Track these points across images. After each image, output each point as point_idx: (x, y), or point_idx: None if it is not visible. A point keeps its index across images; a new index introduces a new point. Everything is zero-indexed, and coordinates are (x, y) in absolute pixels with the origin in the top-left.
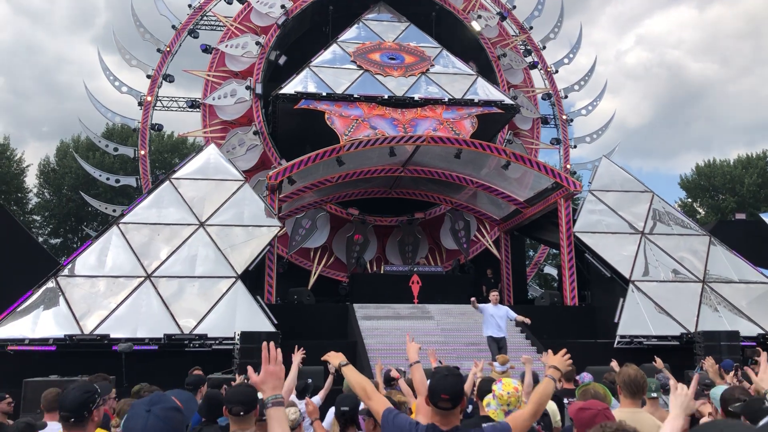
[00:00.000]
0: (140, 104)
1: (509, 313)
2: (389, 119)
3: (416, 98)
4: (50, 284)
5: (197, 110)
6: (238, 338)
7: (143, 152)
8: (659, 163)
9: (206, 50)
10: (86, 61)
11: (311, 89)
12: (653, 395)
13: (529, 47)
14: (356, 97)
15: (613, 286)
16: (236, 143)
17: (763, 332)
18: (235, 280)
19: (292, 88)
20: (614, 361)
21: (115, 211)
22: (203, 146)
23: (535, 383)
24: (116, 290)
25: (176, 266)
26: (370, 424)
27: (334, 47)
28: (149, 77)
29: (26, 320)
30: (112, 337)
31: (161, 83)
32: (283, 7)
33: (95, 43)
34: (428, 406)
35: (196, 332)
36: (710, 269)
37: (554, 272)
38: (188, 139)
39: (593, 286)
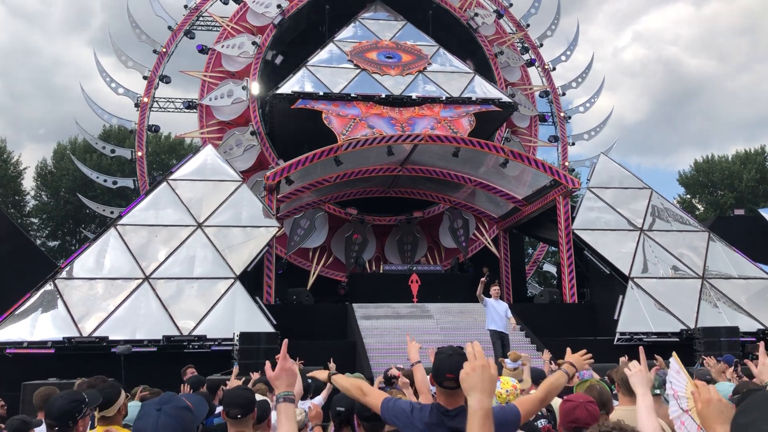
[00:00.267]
0: (137, 105)
1: (507, 311)
2: (387, 118)
3: (414, 97)
4: (48, 287)
5: (194, 111)
6: (237, 339)
7: (140, 154)
8: (658, 159)
9: (202, 51)
10: (82, 62)
11: (308, 89)
12: (656, 392)
13: (526, 45)
14: (353, 96)
15: (612, 283)
16: (233, 144)
17: (762, 327)
18: (233, 281)
19: (289, 87)
20: (625, 356)
21: (112, 213)
22: (200, 147)
23: (536, 379)
24: (115, 292)
25: (174, 267)
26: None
27: (330, 46)
28: (146, 78)
29: (24, 323)
30: (110, 339)
31: (158, 84)
32: (279, 6)
33: (91, 44)
34: (433, 385)
35: (195, 333)
36: (709, 265)
37: (553, 270)
38: (185, 140)
39: (592, 283)
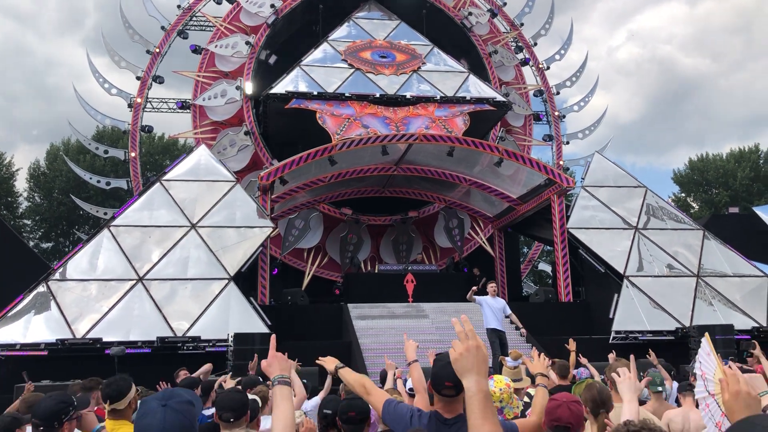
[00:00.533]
0: (130, 106)
1: (506, 308)
2: (381, 118)
3: (408, 96)
4: (41, 288)
5: (187, 111)
6: (231, 340)
7: (134, 154)
8: (652, 158)
9: (196, 51)
10: (75, 63)
11: (302, 89)
12: (659, 389)
13: (520, 44)
14: (348, 95)
15: (607, 281)
16: (227, 144)
17: (757, 325)
18: (227, 281)
19: (282, 87)
20: (612, 352)
21: (106, 214)
22: (194, 147)
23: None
24: (108, 293)
25: (168, 268)
26: None
27: (324, 46)
28: (139, 79)
29: (17, 325)
30: (104, 340)
31: (151, 85)
32: (272, 6)
33: (84, 45)
34: (431, 393)
35: (189, 334)
36: (704, 263)
37: (549, 269)
38: (179, 140)
39: (588, 282)
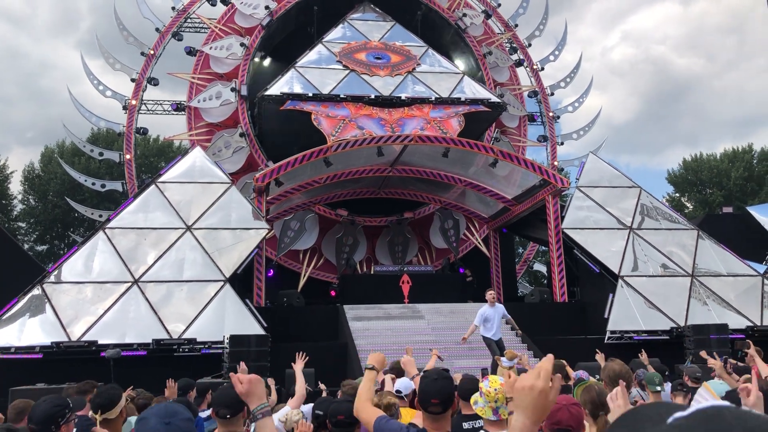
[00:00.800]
0: (125, 108)
1: (505, 313)
2: (376, 119)
3: (403, 98)
4: (36, 291)
5: (182, 113)
6: (227, 342)
7: (129, 156)
8: (646, 158)
9: (190, 53)
10: (70, 65)
11: (297, 90)
12: (657, 389)
13: (514, 45)
14: (343, 97)
15: (602, 281)
16: (222, 146)
17: (751, 324)
18: (223, 283)
19: (277, 89)
20: (600, 354)
21: (101, 216)
22: (189, 149)
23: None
24: (103, 296)
25: (164, 271)
26: None
27: (319, 47)
28: (133, 81)
29: (12, 328)
30: (100, 343)
31: (146, 87)
32: (267, 8)
33: (79, 47)
34: (418, 409)
35: (184, 337)
36: (699, 263)
37: (544, 269)
38: (174, 142)
39: (582, 282)
